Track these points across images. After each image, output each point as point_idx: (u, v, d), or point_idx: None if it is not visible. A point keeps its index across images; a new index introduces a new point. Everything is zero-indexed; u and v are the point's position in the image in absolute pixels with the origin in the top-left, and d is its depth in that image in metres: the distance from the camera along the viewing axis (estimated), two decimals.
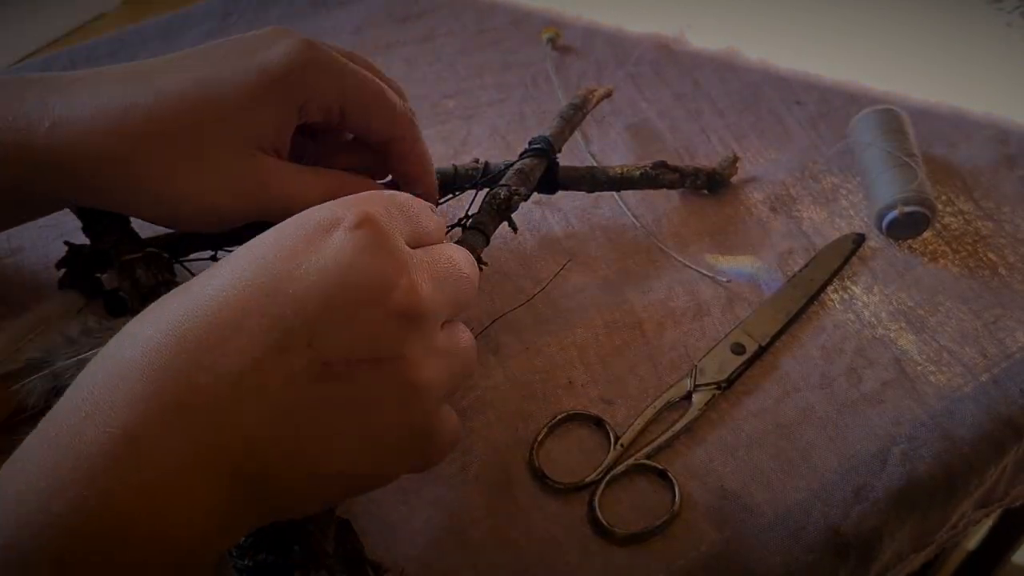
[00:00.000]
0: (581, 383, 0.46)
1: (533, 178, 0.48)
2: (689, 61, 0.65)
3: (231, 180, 0.39)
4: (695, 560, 0.40)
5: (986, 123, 0.60)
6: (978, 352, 0.48)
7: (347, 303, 0.28)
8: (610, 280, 0.51)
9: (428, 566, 0.39)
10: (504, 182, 0.46)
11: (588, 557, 0.40)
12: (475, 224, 0.44)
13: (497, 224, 0.45)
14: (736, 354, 0.46)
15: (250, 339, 0.27)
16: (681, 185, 0.53)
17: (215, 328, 0.27)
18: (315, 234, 0.29)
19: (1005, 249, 0.53)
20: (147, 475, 0.26)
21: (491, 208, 0.44)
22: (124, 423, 0.26)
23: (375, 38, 0.65)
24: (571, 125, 0.52)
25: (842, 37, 0.67)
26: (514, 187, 0.45)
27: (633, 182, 0.52)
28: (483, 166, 0.50)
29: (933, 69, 0.64)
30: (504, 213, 0.45)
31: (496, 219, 0.45)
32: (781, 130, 0.60)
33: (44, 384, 0.37)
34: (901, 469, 0.43)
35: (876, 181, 0.53)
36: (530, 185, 0.47)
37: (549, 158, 0.49)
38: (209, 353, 0.27)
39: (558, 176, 0.50)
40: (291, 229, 0.30)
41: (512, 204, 0.45)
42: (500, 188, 0.45)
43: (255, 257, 0.29)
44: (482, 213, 0.44)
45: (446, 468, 0.42)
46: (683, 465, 0.43)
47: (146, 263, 0.42)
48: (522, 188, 0.46)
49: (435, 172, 0.45)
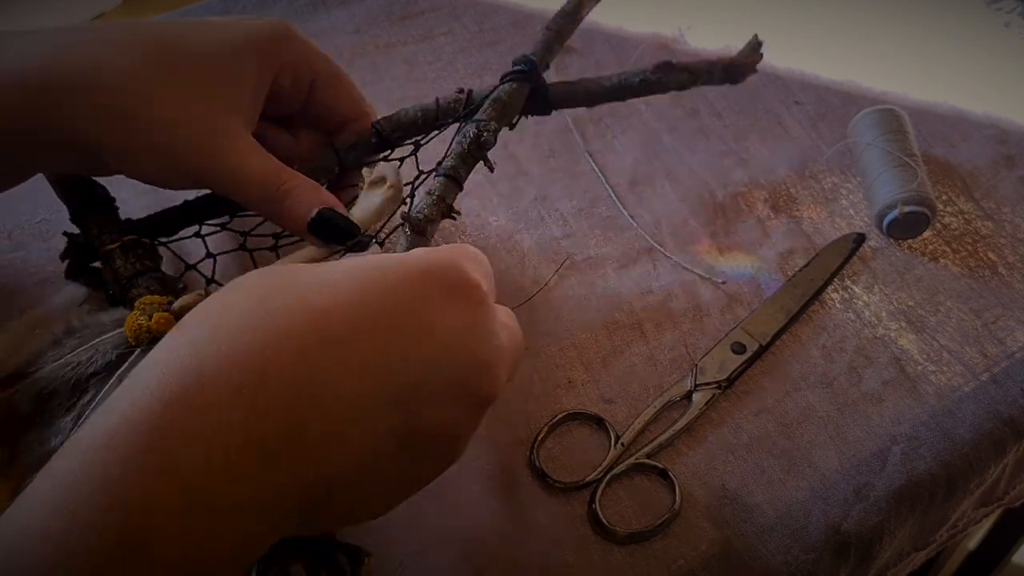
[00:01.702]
0: (581, 383, 0.46)
1: (514, 106, 0.43)
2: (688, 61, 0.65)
3: (202, 132, 0.39)
4: (695, 559, 0.40)
5: (986, 123, 0.60)
6: (978, 352, 0.48)
7: (447, 383, 0.28)
8: (609, 280, 0.51)
9: (428, 564, 0.39)
10: (479, 116, 0.42)
11: (588, 556, 0.39)
12: (446, 171, 0.40)
13: (471, 166, 0.41)
14: (737, 353, 0.46)
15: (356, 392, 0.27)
16: (693, 84, 0.46)
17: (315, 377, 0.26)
18: (432, 293, 0.28)
19: (1005, 249, 0.53)
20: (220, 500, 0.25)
21: (462, 150, 0.41)
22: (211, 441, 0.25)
23: (375, 37, 0.65)
24: (561, 38, 0.46)
25: (841, 37, 0.67)
26: (483, 123, 0.41)
27: (634, 89, 0.45)
28: (466, 96, 0.44)
29: (933, 69, 0.64)
30: (476, 153, 0.41)
31: (469, 161, 0.41)
32: (780, 130, 0.60)
33: (30, 390, 0.36)
34: (901, 468, 0.43)
35: (876, 181, 0.53)
36: (509, 116, 0.43)
37: (533, 79, 0.44)
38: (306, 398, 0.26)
39: (548, 96, 0.45)
40: (401, 276, 0.28)
41: (483, 143, 0.41)
42: (470, 125, 0.41)
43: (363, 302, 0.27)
44: (453, 156, 0.41)
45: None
46: (683, 464, 0.43)
47: (124, 252, 0.41)
48: (492, 123, 0.41)
49: (417, 108, 0.44)
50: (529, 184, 0.56)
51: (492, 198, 0.55)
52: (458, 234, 0.52)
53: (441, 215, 0.40)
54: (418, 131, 0.45)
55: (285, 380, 0.26)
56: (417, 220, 0.39)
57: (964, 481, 0.44)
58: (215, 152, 0.39)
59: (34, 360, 0.38)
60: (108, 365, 0.37)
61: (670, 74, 0.45)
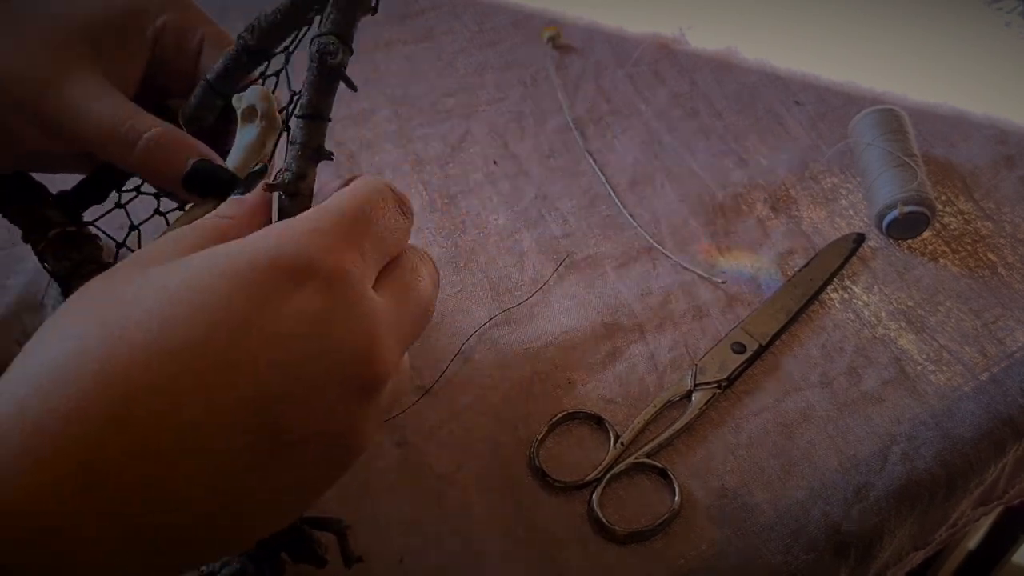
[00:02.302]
0: (581, 383, 0.46)
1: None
2: (688, 61, 0.65)
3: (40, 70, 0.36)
4: (695, 559, 0.40)
5: (986, 123, 0.60)
6: (978, 351, 0.48)
7: (312, 380, 0.25)
8: (609, 280, 0.51)
9: (428, 563, 0.39)
10: (322, 27, 0.33)
11: (588, 556, 0.39)
12: (306, 111, 0.32)
13: (331, 94, 0.33)
14: (737, 353, 0.46)
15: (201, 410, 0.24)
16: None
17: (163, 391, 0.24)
18: (277, 285, 0.25)
19: (1005, 249, 0.53)
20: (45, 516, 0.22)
21: (313, 78, 0.32)
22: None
23: (374, 36, 0.65)
24: None
25: (841, 37, 0.67)
26: (323, 40, 0.32)
27: None
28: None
29: (933, 69, 0.64)
30: (330, 78, 0.33)
31: (325, 90, 0.33)
32: (780, 130, 0.60)
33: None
34: (901, 468, 0.43)
35: (876, 181, 0.53)
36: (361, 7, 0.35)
37: None
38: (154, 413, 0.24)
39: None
40: (246, 272, 0.25)
41: (332, 64, 0.32)
42: (312, 44, 0.33)
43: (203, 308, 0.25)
44: (306, 88, 0.32)
45: (446, 466, 0.42)
46: (684, 464, 0.43)
47: (54, 248, 0.39)
48: (332, 40, 0.32)
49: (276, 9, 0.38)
50: (529, 183, 0.56)
51: (492, 197, 0.55)
52: (458, 232, 0.52)
53: (313, 163, 0.33)
54: (285, 32, 0.39)
55: (119, 403, 0.23)
56: (286, 183, 0.32)
57: (964, 480, 0.44)
58: (63, 95, 0.35)
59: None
60: None
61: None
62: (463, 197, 0.55)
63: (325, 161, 0.33)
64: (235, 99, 0.37)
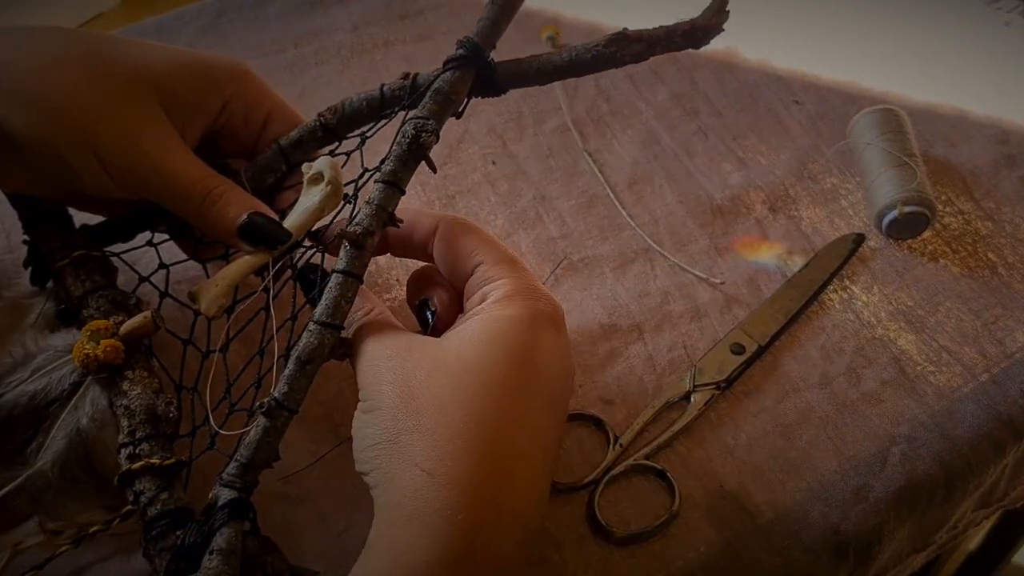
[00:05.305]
0: (580, 383, 0.45)
1: (458, 95, 0.40)
2: (688, 61, 0.64)
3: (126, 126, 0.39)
4: (694, 560, 0.40)
5: (986, 123, 0.60)
6: (977, 352, 0.48)
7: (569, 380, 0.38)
8: (607, 281, 0.50)
9: None
10: (419, 113, 0.39)
11: (587, 557, 0.39)
12: (386, 177, 0.38)
13: (412, 169, 0.38)
14: (736, 354, 0.46)
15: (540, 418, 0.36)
16: (651, 54, 0.42)
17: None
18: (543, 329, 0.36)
19: (1005, 249, 0.53)
20: None
21: (401, 151, 0.38)
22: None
23: (373, 35, 0.65)
24: (508, 12, 0.43)
25: (841, 37, 0.67)
26: (421, 122, 0.38)
27: (586, 64, 0.41)
28: (411, 81, 0.41)
29: (933, 69, 0.64)
30: (416, 155, 0.38)
31: (410, 164, 0.38)
32: (780, 130, 0.60)
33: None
34: (901, 469, 0.43)
35: (876, 181, 0.53)
36: (454, 106, 0.40)
37: (478, 63, 0.41)
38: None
39: (496, 78, 0.42)
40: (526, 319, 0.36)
41: (422, 144, 0.38)
42: (408, 124, 0.38)
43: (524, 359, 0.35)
44: (392, 159, 0.38)
45: None
46: (682, 465, 0.43)
47: (75, 268, 0.41)
48: (430, 122, 0.38)
49: (362, 98, 0.42)
50: (527, 184, 0.55)
51: (490, 198, 0.55)
52: None
53: (382, 225, 0.37)
54: (364, 120, 0.42)
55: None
56: (355, 234, 0.36)
57: (963, 482, 0.44)
58: (140, 146, 0.39)
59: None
60: (63, 394, 0.38)
61: (625, 46, 0.41)
62: (461, 197, 0.55)
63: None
64: (305, 165, 0.41)
